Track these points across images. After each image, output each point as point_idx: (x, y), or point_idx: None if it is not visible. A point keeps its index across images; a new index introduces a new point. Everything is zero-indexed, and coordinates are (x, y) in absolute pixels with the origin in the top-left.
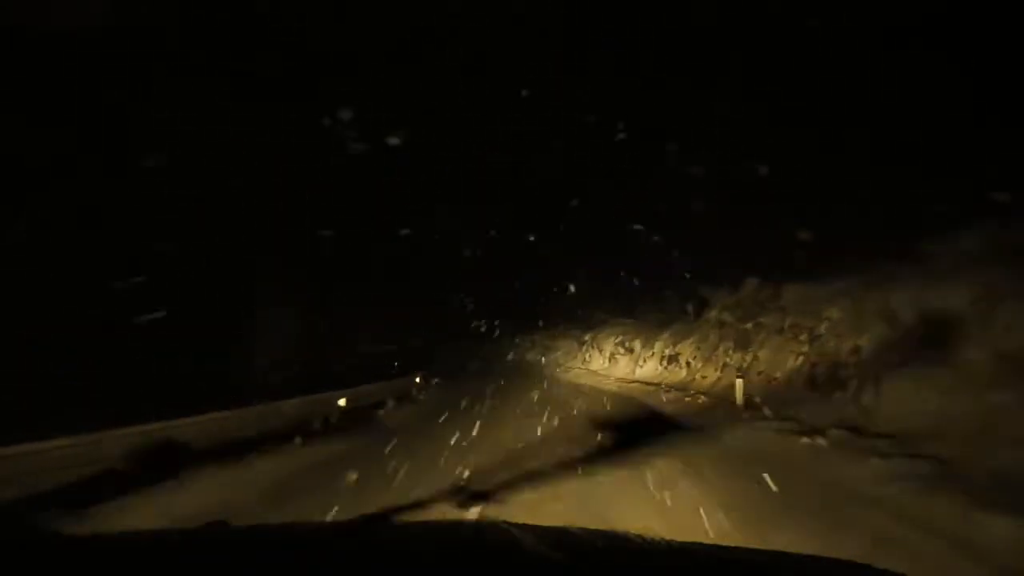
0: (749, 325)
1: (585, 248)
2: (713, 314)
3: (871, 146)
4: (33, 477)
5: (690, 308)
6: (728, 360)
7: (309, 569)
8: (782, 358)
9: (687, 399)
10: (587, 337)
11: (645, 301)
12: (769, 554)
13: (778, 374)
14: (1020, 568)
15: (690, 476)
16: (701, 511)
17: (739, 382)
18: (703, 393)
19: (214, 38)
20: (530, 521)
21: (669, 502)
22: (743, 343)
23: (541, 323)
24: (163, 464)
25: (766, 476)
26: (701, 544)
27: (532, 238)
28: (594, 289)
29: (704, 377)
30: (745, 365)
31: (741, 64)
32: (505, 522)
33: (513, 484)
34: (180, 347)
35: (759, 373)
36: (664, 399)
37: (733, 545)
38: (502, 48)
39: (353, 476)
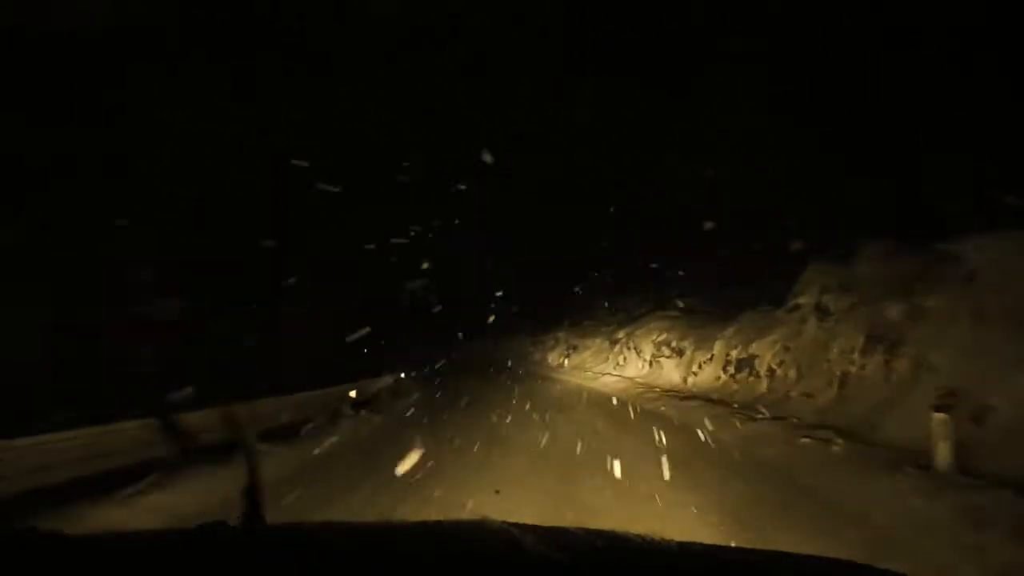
0: (894, 310)
1: (616, 223)
2: (804, 300)
3: None
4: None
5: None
6: (852, 368)
7: (309, 569)
8: (999, 372)
9: (805, 439)
10: (620, 335)
11: (697, 286)
12: (769, 554)
13: (994, 400)
14: None
15: None
16: None
17: (940, 418)
18: (832, 429)
19: (214, 38)
20: (530, 521)
21: None
22: (888, 341)
23: (566, 318)
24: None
25: None
26: (701, 544)
27: (554, 225)
28: (628, 275)
29: (808, 395)
30: (901, 380)
31: (743, 59)
32: (505, 522)
33: None
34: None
35: (948, 396)
36: (749, 433)
37: (733, 545)
38: (502, 48)
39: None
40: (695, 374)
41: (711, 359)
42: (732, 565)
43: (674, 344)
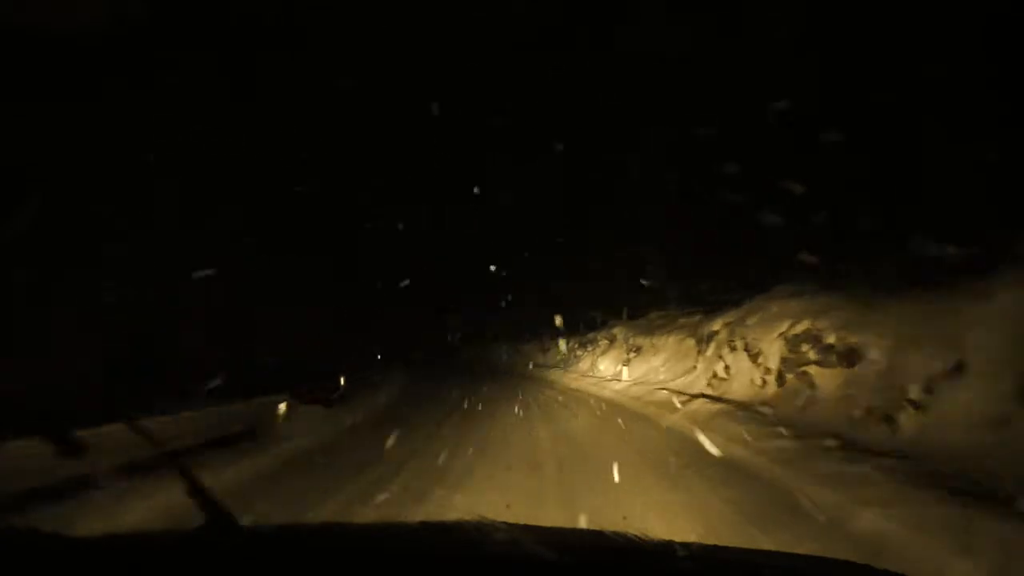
0: None
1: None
2: None
3: None
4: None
5: None
6: None
7: (309, 569)
8: None
9: None
10: (717, 327)
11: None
12: (768, 554)
13: None
14: None
15: None
16: None
17: None
18: None
19: (214, 38)
20: (530, 521)
21: None
22: None
23: (624, 306)
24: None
25: None
26: (701, 544)
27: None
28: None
29: None
30: None
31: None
32: (505, 522)
33: None
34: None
35: None
36: None
37: (733, 545)
38: (502, 48)
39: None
40: (917, 405)
41: (959, 369)
42: (730, 565)
43: (831, 339)
